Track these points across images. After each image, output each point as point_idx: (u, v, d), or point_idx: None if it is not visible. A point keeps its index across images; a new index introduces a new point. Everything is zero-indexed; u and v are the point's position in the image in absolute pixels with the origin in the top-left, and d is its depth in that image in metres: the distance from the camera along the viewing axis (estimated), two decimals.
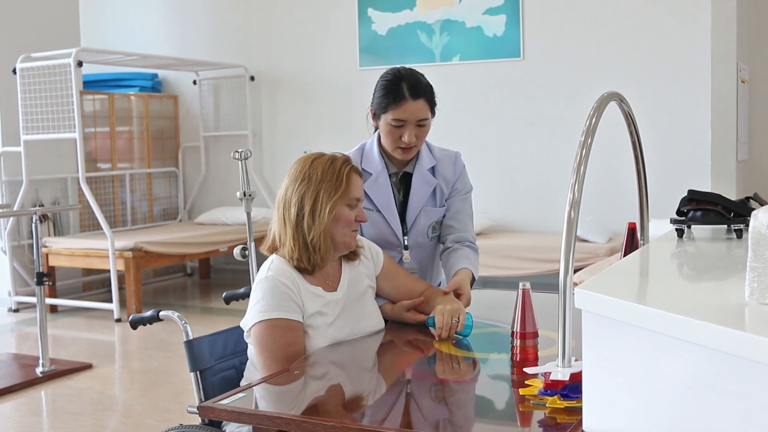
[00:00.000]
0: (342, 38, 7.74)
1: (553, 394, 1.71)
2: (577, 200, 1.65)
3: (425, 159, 2.76)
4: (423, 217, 2.74)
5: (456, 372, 2.19)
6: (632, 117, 2.19)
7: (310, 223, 2.27)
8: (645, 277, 1.83)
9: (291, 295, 2.24)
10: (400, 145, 2.64)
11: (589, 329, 1.50)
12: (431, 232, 2.78)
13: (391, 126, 2.62)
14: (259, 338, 2.21)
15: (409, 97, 2.60)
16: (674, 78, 6.42)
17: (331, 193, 2.29)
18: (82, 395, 4.61)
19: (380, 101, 2.64)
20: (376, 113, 2.68)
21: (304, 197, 2.29)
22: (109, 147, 7.81)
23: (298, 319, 2.24)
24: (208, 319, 6.52)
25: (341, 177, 2.31)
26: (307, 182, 2.31)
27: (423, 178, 2.74)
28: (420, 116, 2.62)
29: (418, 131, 2.63)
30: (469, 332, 2.38)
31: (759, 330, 1.20)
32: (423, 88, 2.64)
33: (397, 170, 2.75)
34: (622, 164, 6.22)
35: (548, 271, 6.08)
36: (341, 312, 2.35)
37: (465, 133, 7.08)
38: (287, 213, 2.31)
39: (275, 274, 2.25)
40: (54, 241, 7.02)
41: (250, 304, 2.26)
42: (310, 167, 2.33)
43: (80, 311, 6.91)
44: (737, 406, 1.21)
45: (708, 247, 2.14)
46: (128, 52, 7.71)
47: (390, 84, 2.63)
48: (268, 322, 2.20)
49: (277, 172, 8.20)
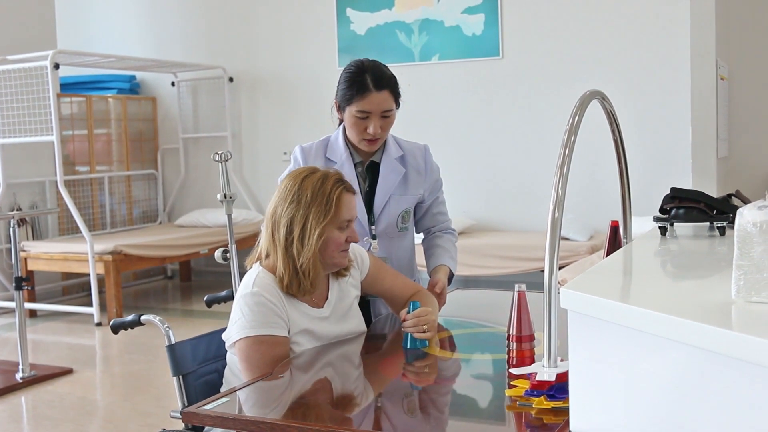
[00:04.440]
0: (321, 38, 7.72)
1: (540, 395, 1.70)
2: (561, 199, 1.65)
3: (392, 149, 2.77)
4: (392, 205, 2.73)
5: (444, 374, 2.18)
6: (614, 115, 2.19)
7: (299, 248, 2.22)
8: (629, 275, 1.83)
9: (277, 311, 2.20)
10: (366, 137, 2.65)
11: (574, 329, 1.49)
12: (401, 222, 2.77)
13: (356, 118, 2.62)
14: (246, 354, 2.17)
15: (373, 89, 2.59)
16: (654, 75, 6.44)
17: (320, 218, 2.22)
18: (63, 401, 4.56)
19: (344, 93, 2.64)
20: (340, 105, 2.68)
21: (293, 220, 2.23)
22: (88, 150, 7.75)
23: (284, 334, 2.21)
24: (189, 323, 6.48)
25: (331, 201, 2.24)
26: (296, 204, 2.23)
27: (390, 166, 2.74)
28: (384, 107, 2.62)
29: (383, 122, 2.64)
30: (421, 347, 2.30)
31: (746, 328, 1.20)
32: (387, 80, 2.63)
33: (363, 160, 2.75)
34: (603, 162, 6.24)
35: (530, 270, 6.09)
36: (327, 329, 2.32)
37: (445, 133, 7.08)
38: (277, 234, 2.25)
39: (260, 290, 2.20)
40: (32, 245, 6.96)
41: (234, 317, 2.22)
42: (300, 187, 2.25)
43: (60, 315, 6.85)
44: (724, 404, 1.21)
45: (691, 245, 2.14)
46: (105, 54, 7.66)
47: (354, 76, 2.62)
48: (254, 339, 2.16)
49: (258, 174, 8.17)
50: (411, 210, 2.81)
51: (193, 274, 8.47)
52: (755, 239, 1.32)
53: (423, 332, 2.29)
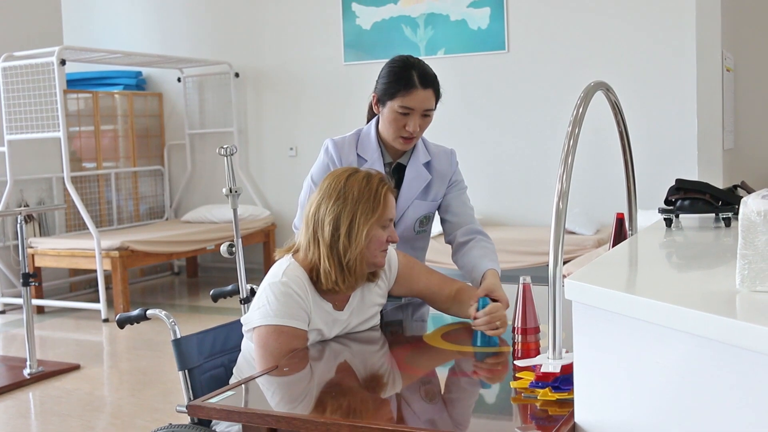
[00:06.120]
0: (326, 33, 7.72)
1: (545, 387, 1.70)
2: (565, 191, 1.64)
3: (421, 153, 2.74)
4: (411, 210, 2.71)
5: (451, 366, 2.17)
6: (619, 106, 2.19)
7: (345, 245, 2.19)
8: (634, 267, 1.83)
9: (302, 304, 2.19)
10: (403, 134, 2.61)
11: (579, 320, 1.49)
12: (418, 225, 2.76)
13: (397, 113, 2.59)
14: (264, 341, 2.16)
15: (419, 86, 2.57)
16: (660, 67, 6.43)
17: (369, 214, 2.21)
18: (71, 396, 4.58)
19: (388, 87, 2.60)
20: (380, 99, 2.64)
21: (340, 217, 2.20)
22: (94, 146, 7.77)
23: (305, 328, 2.20)
24: (196, 318, 6.49)
25: (378, 197, 2.22)
26: (343, 201, 2.21)
27: (417, 171, 2.72)
28: (427, 105, 2.60)
29: (422, 121, 2.61)
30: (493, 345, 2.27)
31: (751, 317, 1.20)
32: (432, 78, 2.62)
33: (392, 160, 2.73)
34: (608, 155, 6.23)
35: (536, 264, 6.08)
36: (341, 332, 2.32)
37: (450, 127, 7.06)
38: (321, 232, 2.22)
39: (289, 281, 2.19)
40: (40, 241, 6.98)
41: (258, 303, 2.20)
42: (345, 185, 2.23)
43: (67, 312, 6.87)
44: (730, 394, 1.21)
45: (697, 236, 2.13)
46: (112, 50, 7.66)
47: (399, 71, 2.60)
48: (275, 327, 2.16)
49: (264, 169, 8.18)
50: (431, 215, 2.78)
51: (200, 270, 8.48)
52: (759, 228, 1.32)
53: (495, 329, 2.25)
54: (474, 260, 2.61)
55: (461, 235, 2.73)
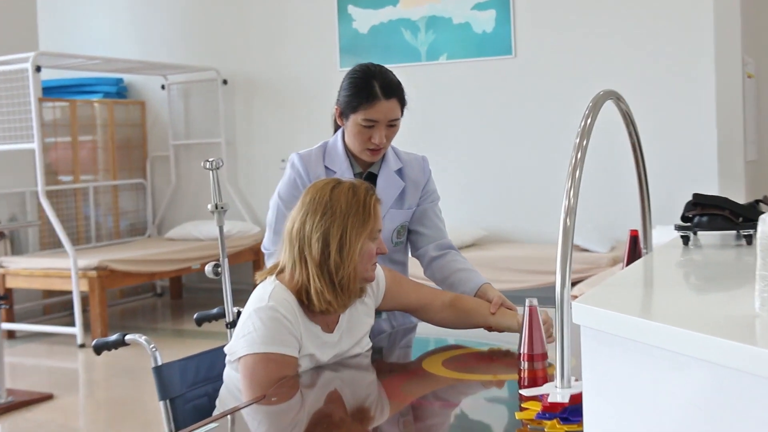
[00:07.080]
0: (321, 37, 7.74)
1: (552, 418, 1.70)
2: (573, 207, 1.64)
3: (392, 160, 2.77)
4: (388, 220, 2.72)
5: (452, 395, 2.17)
6: (630, 116, 2.19)
7: (337, 262, 2.18)
8: (648, 288, 1.83)
9: (291, 329, 2.17)
10: (369, 147, 2.64)
11: (588, 346, 1.49)
12: (396, 236, 2.77)
13: (360, 126, 2.61)
14: (251, 371, 2.15)
15: (381, 97, 2.59)
16: (676, 74, 6.44)
17: (360, 228, 2.20)
18: (42, 429, 4.56)
19: (350, 100, 2.62)
20: (343, 112, 2.67)
21: (329, 232, 2.19)
22: (71, 158, 7.77)
23: (295, 354, 2.18)
24: (180, 343, 6.48)
25: (368, 209, 2.23)
26: (331, 215, 2.20)
27: (389, 179, 2.74)
28: (391, 116, 2.62)
29: (388, 132, 2.64)
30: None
31: None
32: (395, 87, 2.64)
33: (362, 170, 2.75)
34: (623, 166, 6.22)
35: (546, 284, 6.07)
36: (333, 357, 2.31)
37: (453, 137, 7.08)
38: (308, 250, 2.20)
39: (276, 304, 2.17)
40: (11, 260, 6.97)
41: (243, 330, 2.18)
42: (331, 197, 2.22)
43: (40, 336, 6.85)
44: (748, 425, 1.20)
45: (716, 255, 2.13)
46: (90, 56, 7.68)
47: (360, 82, 2.62)
48: (263, 355, 2.14)
49: (254, 183, 8.18)
50: (407, 224, 2.81)
51: (185, 291, 8.47)
52: None
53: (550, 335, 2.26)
54: (462, 273, 2.69)
55: (434, 249, 2.78)
